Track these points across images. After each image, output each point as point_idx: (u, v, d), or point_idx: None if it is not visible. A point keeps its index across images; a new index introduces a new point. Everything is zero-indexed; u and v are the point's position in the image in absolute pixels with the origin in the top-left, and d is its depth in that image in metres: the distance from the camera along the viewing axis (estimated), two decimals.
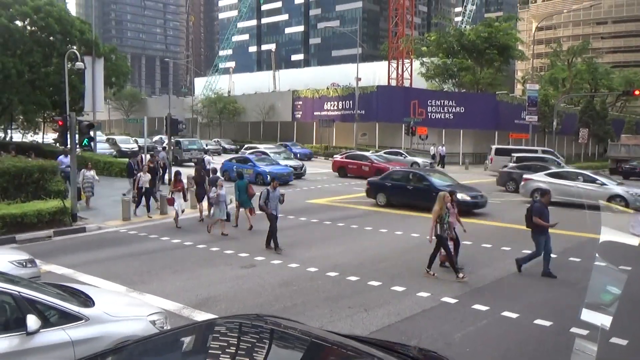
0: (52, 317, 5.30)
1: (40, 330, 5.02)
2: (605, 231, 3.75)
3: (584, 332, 6.63)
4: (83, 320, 5.41)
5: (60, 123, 16.29)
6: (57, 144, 24.50)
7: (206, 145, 45.33)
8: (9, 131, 43.97)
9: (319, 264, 11.44)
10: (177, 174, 16.30)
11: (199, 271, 10.85)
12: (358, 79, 48.74)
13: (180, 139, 38.82)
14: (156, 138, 50.86)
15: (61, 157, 20.23)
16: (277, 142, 50.67)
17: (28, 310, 5.08)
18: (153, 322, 5.90)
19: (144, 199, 17.89)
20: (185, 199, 16.43)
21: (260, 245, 13.30)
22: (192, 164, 34.18)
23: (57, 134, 19.23)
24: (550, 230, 11.13)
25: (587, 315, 3.39)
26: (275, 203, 13.07)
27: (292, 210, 18.69)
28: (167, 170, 23.85)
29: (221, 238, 14.11)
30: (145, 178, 17.55)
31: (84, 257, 12.03)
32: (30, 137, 44.87)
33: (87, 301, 5.84)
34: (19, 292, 5.24)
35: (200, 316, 8.12)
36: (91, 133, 19.07)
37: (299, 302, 8.97)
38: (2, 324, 5.19)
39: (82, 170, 18.57)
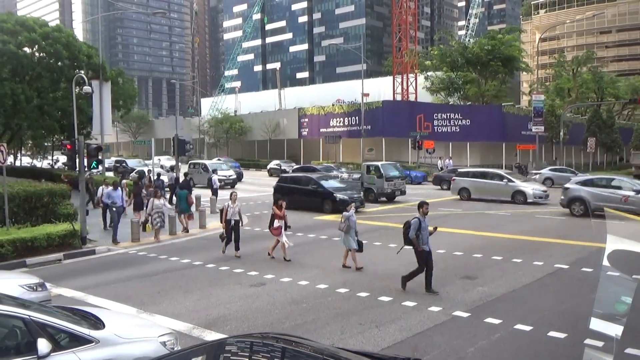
0: (63, 341, 5.29)
1: (51, 354, 5.01)
2: (611, 239, 3.71)
3: (599, 343, 6.52)
4: (93, 343, 5.40)
5: (68, 147, 16.46)
6: (66, 168, 24.68)
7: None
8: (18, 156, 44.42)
9: (329, 280, 11.39)
10: (279, 198, 14.57)
11: (209, 291, 10.83)
12: (365, 94, 48.94)
13: (378, 163, 28.66)
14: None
15: (109, 190, 17.28)
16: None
17: (39, 334, 5.08)
18: (163, 343, 5.88)
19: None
20: (286, 228, 14.16)
21: (270, 262, 13.26)
22: (384, 199, 26.70)
23: (66, 157, 19.25)
24: (559, 241, 11.03)
25: (597, 325, 3.35)
26: (427, 235, 10.54)
27: (301, 228, 18.69)
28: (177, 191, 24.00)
29: (230, 258, 14.06)
30: (235, 209, 14.38)
31: (93, 280, 12.05)
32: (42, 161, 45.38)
33: (98, 323, 5.84)
34: (29, 316, 5.25)
35: (211, 336, 8.08)
36: (99, 155, 19.15)
37: (310, 320, 8.91)
38: (13, 348, 5.20)
39: (151, 199, 16.86)
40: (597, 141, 51.01)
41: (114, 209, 16.77)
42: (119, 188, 17.54)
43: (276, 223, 13.71)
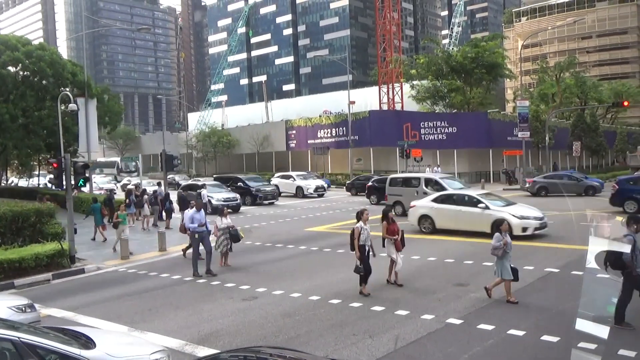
0: None
1: None
2: (594, 241, 3.75)
3: (592, 346, 6.55)
4: None
5: (55, 165, 16.32)
6: (52, 186, 24.48)
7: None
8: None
9: (321, 292, 11.35)
10: (387, 211, 12.03)
11: (201, 306, 10.75)
12: (352, 102, 49.11)
13: None
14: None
15: (193, 212, 14.30)
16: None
17: (29, 356, 5.02)
18: None
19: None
20: (402, 246, 11.86)
21: (261, 275, 13.19)
22: None
23: (52, 176, 19.01)
24: (548, 245, 11.06)
25: (583, 325, 3.37)
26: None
27: (292, 240, 18.66)
28: (167, 207, 23.87)
29: (223, 270, 13.96)
30: (368, 231, 11.17)
31: (83, 299, 11.92)
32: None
33: (88, 343, 5.77)
34: (19, 337, 5.18)
35: (203, 352, 8.01)
36: (86, 173, 18.97)
37: (303, 332, 8.87)
38: None
39: (217, 217, 14.73)
40: (583, 145, 51.57)
41: (196, 235, 14.03)
42: (202, 209, 14.62)
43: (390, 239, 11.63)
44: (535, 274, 12.28)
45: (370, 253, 11.13)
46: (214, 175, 40.75)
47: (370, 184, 31.73)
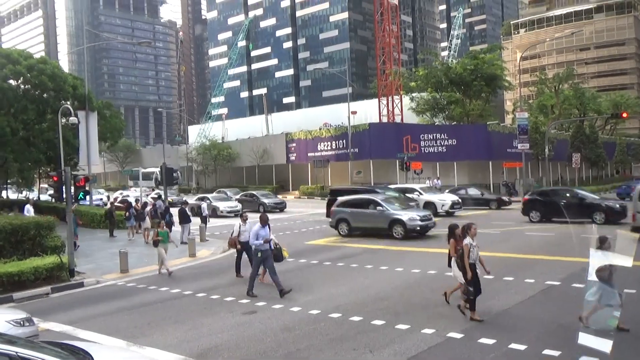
0: None
1: None
2: (594, 254, 3.73)
3: None
4: None
5: (55, 178, 16.33)
6: (53, 199, 24.54)
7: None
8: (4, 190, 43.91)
9: (321, 306, 11.29)
10: (454, 227, 10.52)
11: (200, 320, 10.69)
12: (353, 112, 49.26)
13: None
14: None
15: (257, 229, 12.69)
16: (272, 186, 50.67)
17: None
18: None
19: None
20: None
21: (261, 289, 13.13)
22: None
23: (53, 189, 19.03)
24: (553, 258, 11.01)
25: (585, 339, 3.36)
26: None
27: (292, 253, 18.60)
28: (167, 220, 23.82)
29: (223, 285, 13.91)
30: (475, 251, 9.72)
31: (82, 313, 11.85)
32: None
33: (86, 358, 5.73)
34: (16, 352, 5.15)
35: None
36: (87, 186, 18.98)
37: (303, 347, 8.81)
38: None
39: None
40: (582, 156, 51.65)
41: (259, 254, 12.67)
42: (267, 225, 12.95)
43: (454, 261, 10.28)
44: (537, 286, 12.23)
45: (484, 271, 9.97)
46: (330, 189, 34.28)
47: (529, 196, 26.93)
